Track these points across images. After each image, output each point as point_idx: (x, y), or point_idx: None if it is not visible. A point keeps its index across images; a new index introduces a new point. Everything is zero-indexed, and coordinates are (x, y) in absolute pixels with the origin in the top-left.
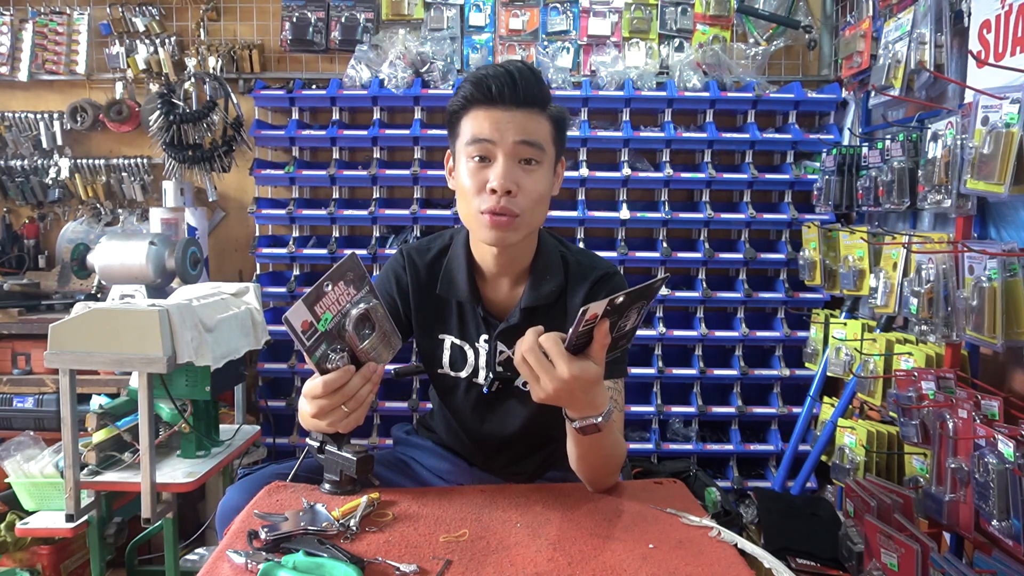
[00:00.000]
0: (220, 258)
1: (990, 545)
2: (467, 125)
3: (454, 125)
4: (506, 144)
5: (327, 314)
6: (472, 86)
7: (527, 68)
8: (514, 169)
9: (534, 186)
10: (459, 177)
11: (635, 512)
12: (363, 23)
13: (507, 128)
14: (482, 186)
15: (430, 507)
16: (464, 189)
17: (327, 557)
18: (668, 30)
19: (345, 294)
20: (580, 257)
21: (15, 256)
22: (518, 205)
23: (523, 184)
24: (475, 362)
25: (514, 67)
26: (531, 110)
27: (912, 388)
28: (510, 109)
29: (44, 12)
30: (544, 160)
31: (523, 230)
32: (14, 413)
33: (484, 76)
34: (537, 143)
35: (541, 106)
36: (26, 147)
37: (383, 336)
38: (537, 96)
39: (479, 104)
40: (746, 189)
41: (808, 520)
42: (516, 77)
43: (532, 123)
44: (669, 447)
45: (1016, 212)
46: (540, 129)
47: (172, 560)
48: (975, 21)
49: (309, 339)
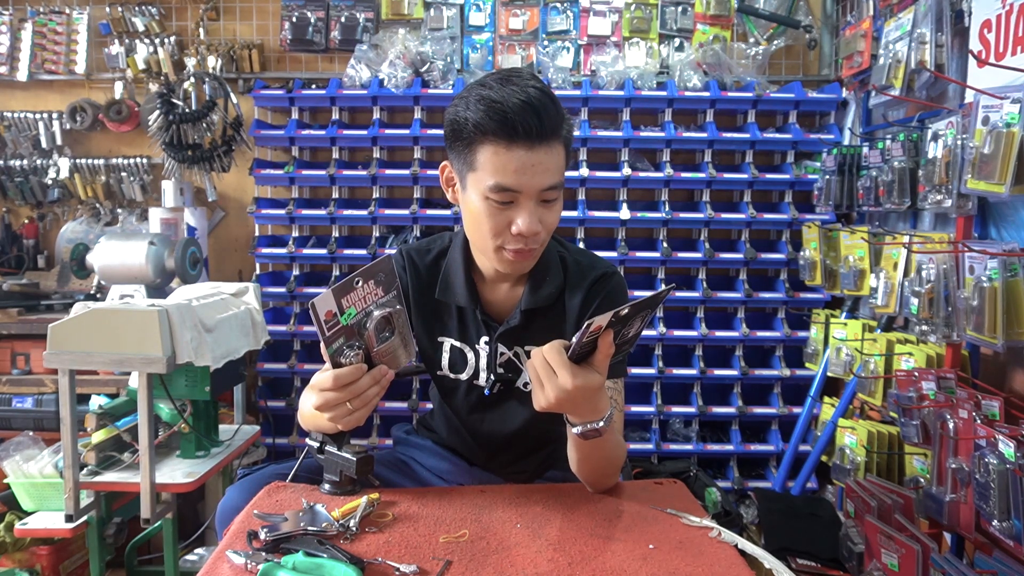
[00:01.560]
0: (220, 258)
1: (991, 545)
2: (485, 162)
3: (464, 149)
4: (532, 191)
5: (352, 309)
6: (488, 117)
7: (546, 96)
8: (537, 210)
9: (554, 218)
10: (472, 209)
11: (635, 512)
12: (363, 23)
13: (532, 173)
14: (504, 228)
15: (430, 507)
16: (479, 223)
17: (327, 557)
18: (668, 30)
19: (372, 293)
20: (579, 257)
21: (14, 256)
22: (539, 241)
23: (545, 221)
24: (476, 364)
25: (535, 98)
26: (552, 143)
27: (913, 388)
28: (532, 147)
29: (43, 12)
30: (561, 189)
31: (539, 254)
32: (13, 413)
33: (505, 113)
34: (559, 184)
35: (559, 134)
36: (25, 147)
37: (400, 342)
38: (557, 125)
39: (497, 138)
40: (746, 189)
41: (808, 520)
42: (539, 111)
43: (553, 160)
44: (669, 447)
45: (1017, 212)
46: (560, 163)
47: (172, 560)
48: (975, 21)
49: (330, 330)
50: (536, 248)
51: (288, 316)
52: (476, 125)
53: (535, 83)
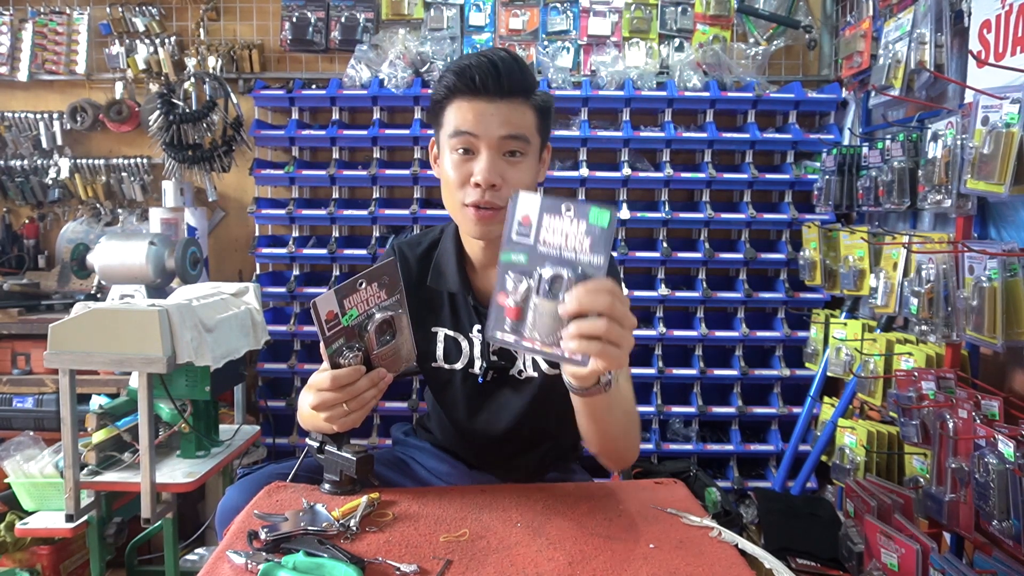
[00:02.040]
0: (220, 258)
1: (990, 545)
2: (450, 116)
3: (437, 114)
4: (490, 138)
5: (353, 310)
6: (455, 76)
7: (511, 57)
8: (498, 162)
9: (519, 178)
10: (443, 168)
11: (636, 512)
12: (363, 23)
13: (491, 121)
14: (466, 179)
15: (430, 507)
16: (448, 181)
17: (327, 557)
18: (668, 30)
19: (375, 296)
20: None
21: (15, 256)
22: (502, 197)
23: (508, 177)
24: (470, 352)
25: (497, 56)
26: (515, 100)
27: (912, 388)
28: (494, 100)
29: (44, 12)
30: (529, 151)
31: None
32: (14, 413)
33: (467, 66)
34: (521, 135)
35: (525, 95)
36: (26, 147)
37: (401, 346)
38: (521, 85)
39: (462, 95)
40: (746, 189)
41: (808, 520)
42: (500, 67)
43: (516, 115)
44: (669, 447)
45: (1016, 212)
46: (524, 120)
47: (172, 560)
48: (975, 21)
49: (330, 330)
50: (500, 209)
51: (288, 316)
52: (446, 87)
53: (505, 52)
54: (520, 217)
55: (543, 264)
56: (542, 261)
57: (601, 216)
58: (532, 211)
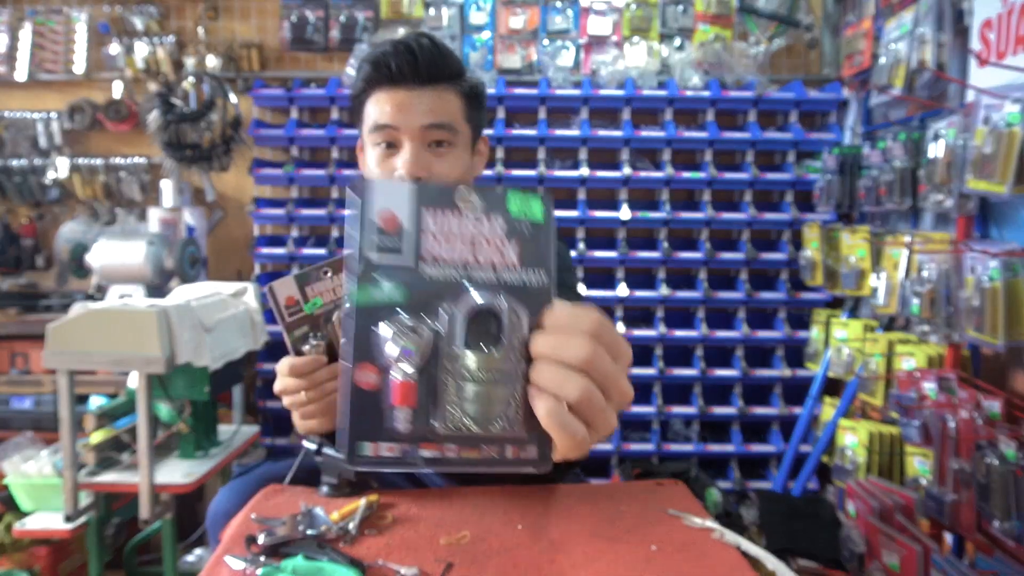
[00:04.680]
0: (219, 258)
1: (991, 546)
2: (370, 109)
3: (358, 110)
4: (411, 129)
5: (318, 299)
6: (371, 66)
7: (430, 41)
8: (422, 154)
9: (447, 171)
10: (367, 165)
11: (637, 513)
12: (362, 22)
13: (411, 111)
14: (389, 175)
15: (430, 509)
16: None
17: (327, 561)
18: (669, 29)
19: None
20: None
21: (13, 256)
22: None
23: (434, 169)
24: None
25: (415, 42)
26: (438, 87)
27: (913, 388)
28: (413, 89)
29: (42, 11)
30: (457, 141)
31: None
32: (12, 413)
33: (382, 54)
34: (446, 124)
35: (449, 81)
36: (24, 147)
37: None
38: (443, 71)
39: (380, 86)
40: (747, 189)
41: (809, 521)
42: (416, 52)
43: (440, 103)
44: (670, 448)
45: (1017, 212)
46: (449, 108)
47: (171, 561)
48: (976, 20)
49: (291, 316)
50: None
51: None
52: (363, 80)
53: (424, 36)
54: (379, 220)
55: (445, 295)
56: (439, 292)
57: (529, 204)
58: (400, 208)
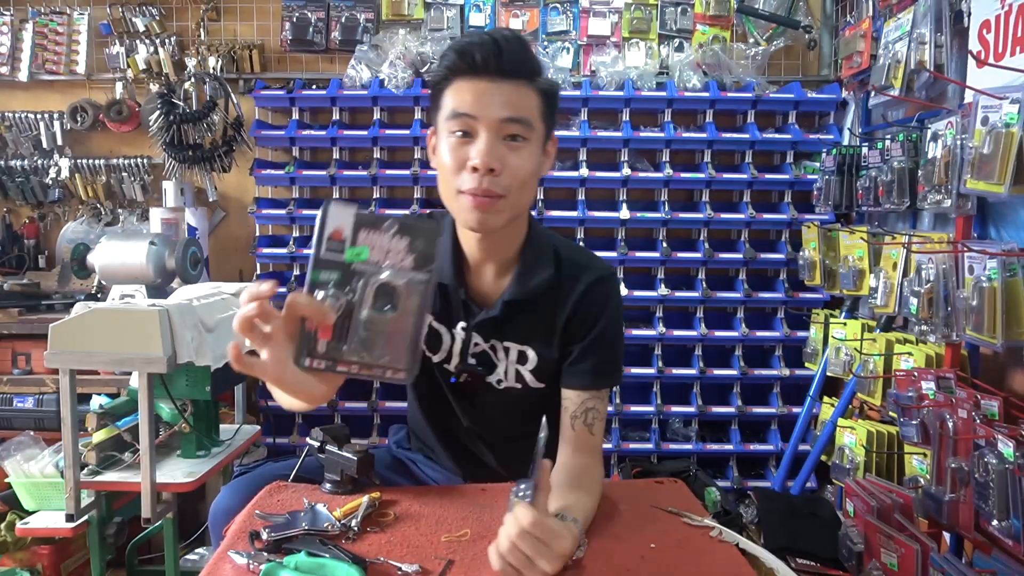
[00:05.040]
0: (220, 258)
1: (990, 545)
2: (449, 97)
3: (436, 98)
4: (489, 119)
5: (365, 249)
6: (455, 55)
7: (514, 36)
8: (498, 146)
9: (520, 164)
10: (439, 155)
11: (636, 512)
12: (363, 23)
13: (491, 102)
14: (463, 164)
15: (431, 507)
16: (444, 167)
17: (329, 557)
18: (668, 30)
19: (399, 253)
20: (573, 254)
21: (15, 256)
22: (501, 185)
23: (508, 162)
24: (450, 348)
25: (500, 35)
26: (518, 82)
27: (912, 388)
28: (495, 80)
29: (44, 12)
30: (532, 137)
31: (507, 212)
32: (14, 413)
33: (468, 44)
34: (524, 119)
35: (529, 77)
36: (26, 147)
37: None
38: (525, 66)
39: (462, 75)
40: (746, 189)
41: (808, 520)
42: (502, 45)
43: (519, 96)
44: (669, 447)
45: (1016, 212)
46: (528, 103)
47: (172, 560)
48: (975, 21)
49: (327, 250)
50: (499, 197)
51: None
52: (446, 67)
53: (509, 32)
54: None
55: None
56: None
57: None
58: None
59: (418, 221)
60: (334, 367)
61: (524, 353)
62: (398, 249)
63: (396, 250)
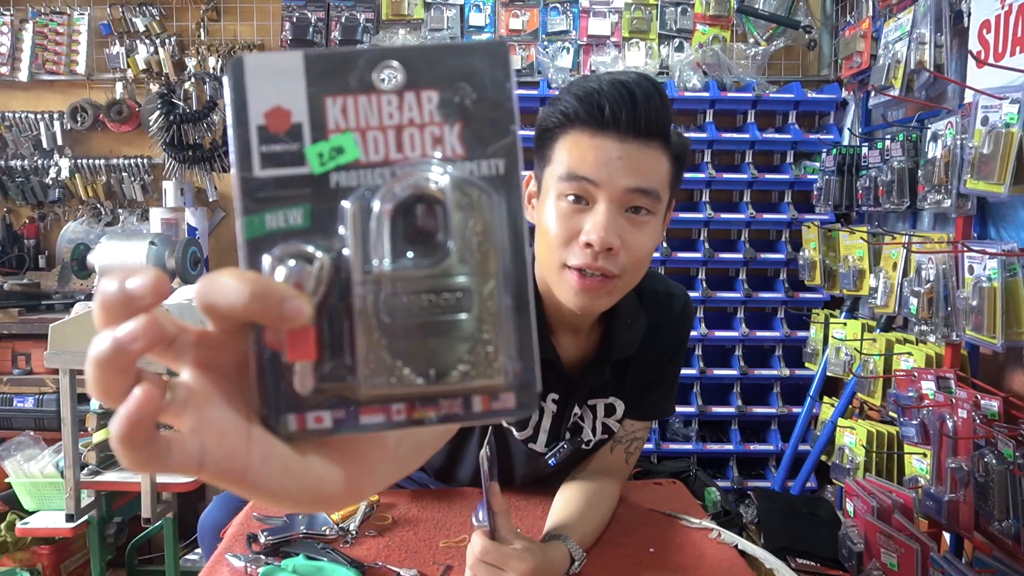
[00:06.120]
0: (220, 258)
1: (990, 545)
2: (563, 152)
3: (544, 146)
4: (613, 188)
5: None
6: (577, 101)
7: (651, 85)
8: (618, 220)
9: (642, 243)
10: (543, 214)
11: (635, 515)
12: (363, 23)
13: (617, 167)
14: (574, 236)
15: (430, 511)
16: (547, 233)
17: (327, 561)
18: (668, 30)
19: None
20: (649, 282)
21: (15, 256)
22: (617, 264)
23: (628, 239)
24: (537, 425)
25: (634, 83)
26: (650, 143)
27: (912, 388)
28: (625, 140)
29: (44, 12)
30: (657, 210)
31: (617, 294)
32: (14, 413)
33: (595, 92)
34: (652, 190)
35: (664, 139)
36: (26, 147)
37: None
38: (662, 124)
39: (583, 126)
40: (746, 189)
41: (808, 520)
42: (638, 98)
43: (649, 163)
44: (669, 447)
45: (1016, 212)
46: (658, 170)
47: (172, 560)
48: (975, 21)
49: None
50: (612, 278)
51: None
52: (563, 112)
53: (644, 78)
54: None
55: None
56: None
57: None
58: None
59: (447, 44)
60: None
61: (612, 406)
62: (422, 115)
63: (418, 120)
